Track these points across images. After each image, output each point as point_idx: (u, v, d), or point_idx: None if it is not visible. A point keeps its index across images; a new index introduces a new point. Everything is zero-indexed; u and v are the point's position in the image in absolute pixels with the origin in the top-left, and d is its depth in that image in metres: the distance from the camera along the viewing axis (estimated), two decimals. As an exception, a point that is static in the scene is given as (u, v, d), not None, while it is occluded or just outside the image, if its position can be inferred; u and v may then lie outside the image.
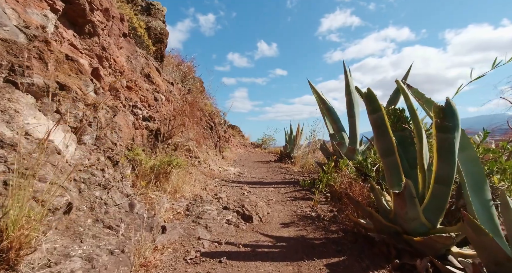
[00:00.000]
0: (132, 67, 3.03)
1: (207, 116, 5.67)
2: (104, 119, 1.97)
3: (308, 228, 2.10)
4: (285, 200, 3.03)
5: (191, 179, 2.94)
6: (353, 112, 3.94)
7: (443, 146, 1.37)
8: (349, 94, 3.92)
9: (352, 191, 2.20)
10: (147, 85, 3.23)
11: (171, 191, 2.34)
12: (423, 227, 1.47)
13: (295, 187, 3.73)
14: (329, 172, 3.08)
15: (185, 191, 2.49)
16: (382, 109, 1.67)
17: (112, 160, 1.76)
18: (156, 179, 2.35)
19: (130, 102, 2.58)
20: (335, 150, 3.87)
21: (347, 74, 3.95)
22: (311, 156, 6.80)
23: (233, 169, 5.17)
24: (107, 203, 1.43)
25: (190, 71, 7.11)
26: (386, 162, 1.69)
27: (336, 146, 3.63)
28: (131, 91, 2.68)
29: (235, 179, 4.23)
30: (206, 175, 3.88)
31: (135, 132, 2.60)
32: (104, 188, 1.49)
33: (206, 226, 1.89)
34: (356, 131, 3.95)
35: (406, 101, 1.76)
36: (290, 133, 8.00)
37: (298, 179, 4.40)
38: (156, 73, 3.69)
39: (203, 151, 4.53)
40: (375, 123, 1.70)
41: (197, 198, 2.46)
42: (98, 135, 1.68)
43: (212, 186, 3.26)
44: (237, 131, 17.03)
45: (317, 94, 4.34)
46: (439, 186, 1.43)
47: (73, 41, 1.93)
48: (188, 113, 3.92)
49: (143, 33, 4.90)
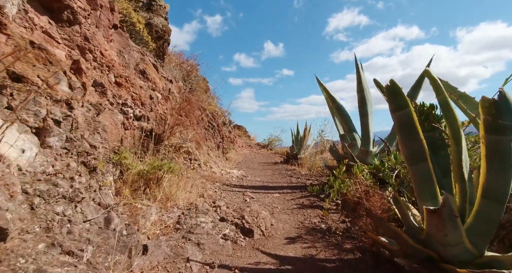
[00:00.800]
0: (124, 62, 2.78)
1: (210, 116, 5.41)
2: (83, 118, 1.72)
3: (317, 245, 1.80)
4: (292, 208, 2.74)
5: (187, 184, 2.68)
6: (365, 111, 3.61)
7: (496, 151, 1.06)
8: (362, 92, 3.59)
9: (370, 201, 1.89)
10: (142, 82, 2.99)
11: (162, 199, 2.08)
12: (467, 254, 1.16)
13: (302, 192, 3.43)
14: (340, 177, 2.77)
15: (178, 198, 2.23)
16: (410, 106, 1.36)
17: (87, 166, 1.50)
18: (146, 186, 2.09)
19: (119, 100, 2.34)
20: (346, 152, 3.55)
21: (359, 69, 3.62)
22: (318, 157, 6.47)
23: (236, 171, 4.90)
24: (72, 220, 1.17)
25: (193, 69, 6.87)
26: (414, 170, 1.38)
27: (347, 148, 3.31)
28: (121, 88, 2.44)
29: (238, 182, 3.96)
30: (207, 179, 3.61)
31: (125, 133, 2.35)
32: (71, 201, 1.23)
33: (198, 242, 1.62)
34: (369, 132, 3.62)
35: (438, 95, 1.44)
36: (297, 134, 7.68)
37: (305, 183, 4.10)
38: (152, 69, 3.44)
39: (204, 153, 4.27)
40: (400, 123, 1.39)
41: (192, 207, 2.19)
42: (70, 137, 1.42)
43: (211, 192, 2.99)
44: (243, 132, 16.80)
45: (326, 92, 4.02)
46: (489, 202, 1.12)
47: (47, 29, 1.68)
48: (186, 112, 3.67)
49: (142, 29, 4.68)
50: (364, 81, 3.62)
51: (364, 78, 3.62)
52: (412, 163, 1.38)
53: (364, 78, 3.62)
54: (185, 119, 3.69)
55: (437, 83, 1.42)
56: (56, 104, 1.40)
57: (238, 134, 14.08)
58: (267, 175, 4.97)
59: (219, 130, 5.62)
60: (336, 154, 3.96)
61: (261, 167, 6.30)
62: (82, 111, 1.75)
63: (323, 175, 4.91)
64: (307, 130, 7.33)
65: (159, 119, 3.14)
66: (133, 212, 1.72)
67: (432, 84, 1.47)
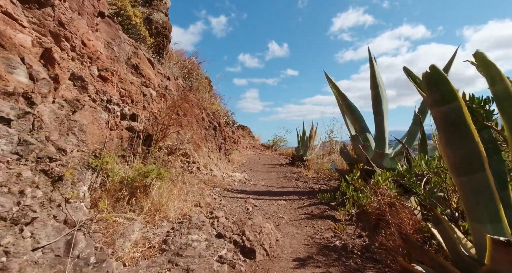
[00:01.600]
0: (113, 55, 2.50)
1: (211, 115, 5.12)
2: (52, 116, 1.43)
3: (333, 270, 1.48)
4: (300, 218, 2.42)
5: (182, 191, 2.38)
6: (380, 109, 3.27)
7: None
8: (376, 88, 3.25)
9: (395, 216, 1.56)
10: (134, 78, 2.70)
11: (149, 211, 1.78)
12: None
13: (311, 199, 3.11)
14: (354, 183, 2.45)
15: (170, 209, 1.93)
16: (459, 98, 1.04)
17: (50, 175, 1.21)
18: (131, 195, 1.80)
19: (103, 96, 2.05)
20: (359, 154, 3.21)
21: (373, 63, 3.29)
22: (326, 159, 6.13)
23: (239, 174, 4.60)
24: (11, 250, 0.88)
25: (195, 67, 6.60)
26: (465, 182, 1.05)
27: (361, 150, 2.98)
28: (107, 82, 2.15)
29: (240, 187, 3.65)
30: (206, 183, 3.32)
31: (110, 134, 2.07)
32: (15, 224, 0.94)
33: (187, 268, 1.31)
34: (384, 132, 3.28)
35: (495, 85, 1.12)
36: (303, 134, 7.35)
37: (313, 187, 3.77)
38: (147, 65, 3.16)
39: (203, 155, 3.98)
40: (446, 121, 1.06)
41: (185, 220, 1.89)
42: (25, 140, 1.14)
43: (209, 199, 2.69)
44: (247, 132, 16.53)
45: (336, 89, 3.68)
46: None
47: (9, 10, 1.40)
48: (184, 111, 3.38)
49: (139, 23, 4.42)
50: (379, 76, 3.28)
51: (378, 73, 3.28)
52: (462, 172, 1.05)
53: (378, 73, 3.28)
54: (183, 119, 3.40)
55: (494, 69, 1.09)
56: (7, 98, 1.12)
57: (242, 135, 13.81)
58: (271, 178, 4.65)
59: (221, 131, 5.33)
60: (347, 156, 3.62)
61: (265, 169, 5.99)
62: (52, 108, 1.46)
63: (331, 178, 4.57)
64: (313, 130, 7.00)
65: (153, 118, 2.86)
66: (110, 229, 1.43)
67: (485, 71, 1.14)
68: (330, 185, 3.96)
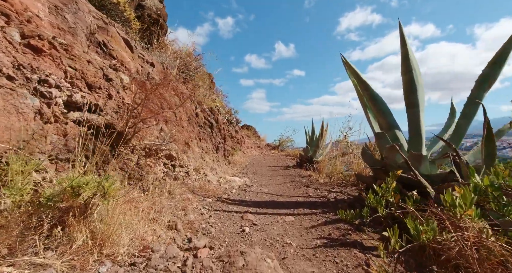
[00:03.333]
0: (64, 25, 1.88)
1: (207, 111, 4.48)
2: None
3: None
4: (314, 246, 1.74)
5: (154, 207, 1.75)
6: (415, 99, 2.56)
7: None
8: (409, 72, 2.55)
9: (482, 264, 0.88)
10: (97, 58, 2.08)
11: (84, 247, 1.14)
12: None
13: (326, 213, 2.43)
14: (387, 197, 1.78)
15: (122, 241, 1.29)
16: None
17: None
18: (57, 222, 1.17)
19: (32, 75, 1.43)
20: (388, 157, 2.51)
21: (405, 41, 2.58)
22: (339, 161, 5.41)
23: (239, 179, 3.95)
24: None
25: (192, 60, 5.98)
26: None
27: (394, 151, 2.27)
28: (42, 56, 1.53)
29: (238, 196, 3.00)
30: (195, 193, 2.68)
31: (43, 128, 1.44)
32: None
33: None
34: (421, 129, 2.57)
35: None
36: (312, 134, 6.65)
37: (327, 197, 3.08)
38: (121, 45, 2.54)
39: (195, 157, 3.34)
40: None
41: (142, 257, 1.25)
42: None
43: (194, 215, 2.04)
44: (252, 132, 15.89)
45: (356, 76, 2.97)
46: None
47: None
48: (170, 103, 2.75)
49: (123, 3, 3.81)
50: (413, 57, 2.58)
51: (412, 53, 2.58)
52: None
53: (412, 53, 2.58)
54: (167, 112, 2.76)
55: None
56: None
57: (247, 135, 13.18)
58: (277, 184, 3.98)
59: (220, 129, 4.68)
60: (371, 159, 2.92)
61: (270, 172, 5.32)
62: None
63: (347, 184, 3.87)
64: (324, 129, 6.29)
65: (125, 111, 2.23)
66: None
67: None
68: (347, 193, 3.27)
